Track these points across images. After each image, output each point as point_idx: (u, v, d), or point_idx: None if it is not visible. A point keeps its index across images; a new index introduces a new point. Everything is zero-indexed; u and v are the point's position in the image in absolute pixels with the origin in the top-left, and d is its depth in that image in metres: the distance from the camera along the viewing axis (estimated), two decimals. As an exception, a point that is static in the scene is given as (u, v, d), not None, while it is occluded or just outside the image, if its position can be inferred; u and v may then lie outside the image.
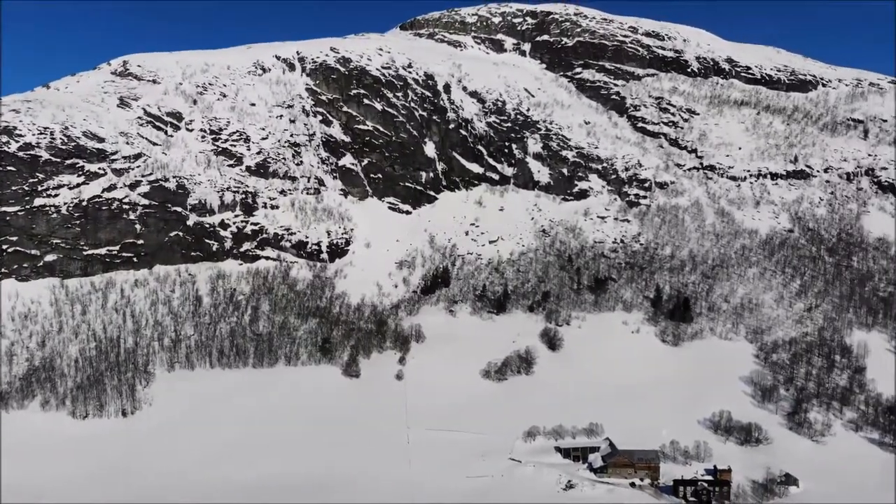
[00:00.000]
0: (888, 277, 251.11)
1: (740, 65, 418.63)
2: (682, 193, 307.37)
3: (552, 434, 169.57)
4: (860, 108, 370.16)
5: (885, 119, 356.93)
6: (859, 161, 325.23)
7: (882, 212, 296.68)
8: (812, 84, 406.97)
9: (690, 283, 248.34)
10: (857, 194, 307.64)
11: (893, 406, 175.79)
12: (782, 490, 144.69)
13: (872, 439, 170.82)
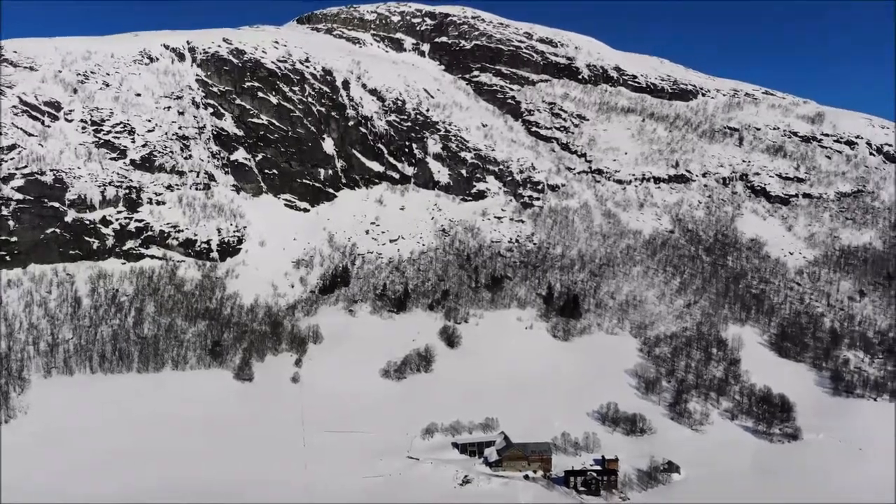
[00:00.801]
0: (760, 276, 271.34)
1: (627, 73, 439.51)
2: (572, 196, 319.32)
3: (450, 430, 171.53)
4: (736, 116, 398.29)
5: (758, 127, 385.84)
6: (734, 167, 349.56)
7: (755, 214, 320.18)
8: (693, 93, 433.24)
9: (580, 280, 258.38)
10: (732, 198, 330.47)
11: (765, 396, 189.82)
12: (665, 477, 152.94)
13: (747, 427, 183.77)
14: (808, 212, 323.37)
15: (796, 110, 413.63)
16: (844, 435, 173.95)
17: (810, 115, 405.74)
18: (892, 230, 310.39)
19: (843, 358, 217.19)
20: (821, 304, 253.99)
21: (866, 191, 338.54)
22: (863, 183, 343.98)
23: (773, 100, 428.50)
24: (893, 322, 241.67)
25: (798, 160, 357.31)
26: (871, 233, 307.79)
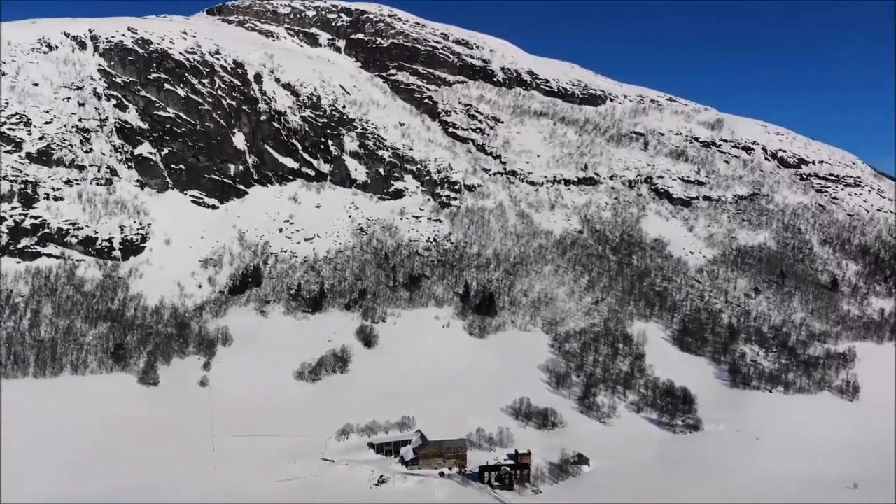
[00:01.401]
0: (663, 274, 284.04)
1: (540, 78, 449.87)
2: (488, 196, 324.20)
3: (366, 431, 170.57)
4: (642, 122, 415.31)
5: (662, 133, 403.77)
6: (640, 170, 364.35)
7: (658, 215, 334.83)
8: (601, 99, 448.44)
9: (495, 279, 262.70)
10: (637, 200, 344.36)
11: (668, 389, 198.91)
12: (575, 469, 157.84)
13: (651, 419, 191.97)
14: (707, 213, 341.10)
15: (697, 117, 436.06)
16: (742, 425, 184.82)
17: (710, 121, 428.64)
18: (785, 231, 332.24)
19: (739, 352, 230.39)
20: (719, 301, 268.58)
21: (761, 194, 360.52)
22: (758, 186, 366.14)
23: (676, 106, 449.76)
24: (786, 318, 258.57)
25: (699, 164, 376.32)
26: (766, 233, 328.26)
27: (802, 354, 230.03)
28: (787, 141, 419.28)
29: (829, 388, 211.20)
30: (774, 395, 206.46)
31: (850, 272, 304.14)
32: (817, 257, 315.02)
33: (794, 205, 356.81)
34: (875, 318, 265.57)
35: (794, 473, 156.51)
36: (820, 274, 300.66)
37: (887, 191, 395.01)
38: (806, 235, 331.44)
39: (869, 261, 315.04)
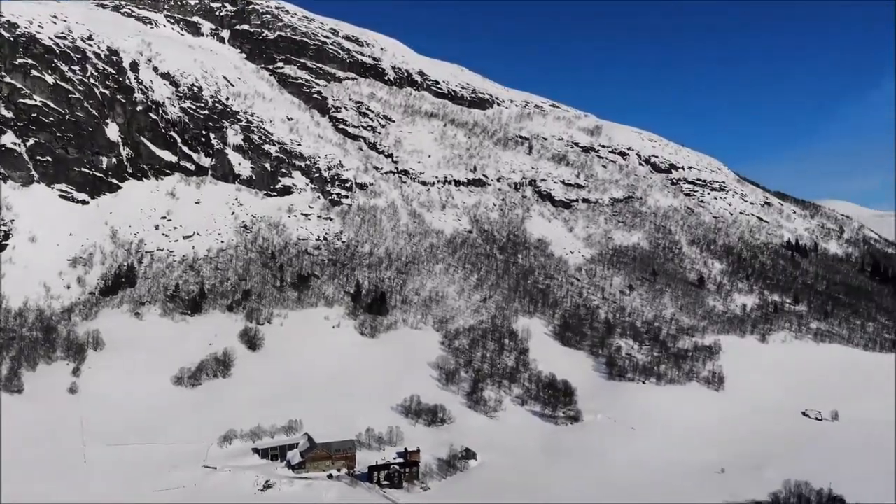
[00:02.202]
0: (546, 272, 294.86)
1: (430, 79, 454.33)
2: (379, 195, 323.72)
3: (250, 436, 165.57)
4: (527, 126, 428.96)
5: (545, 137, 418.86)
6: (524, 172, 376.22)
7: (541, 217, 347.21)
8: (489, 103, 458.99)
9: (387, 278, 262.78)
10: (522, 201, 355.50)
11: (551, 382, 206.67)
12: (463, 464, 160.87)
13: (535, 412, 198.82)
14: (586, 215, 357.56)
15: (578, 122, 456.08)
16: (618, 415, 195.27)
17: (590, 127, 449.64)
18: (657, 232, 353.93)
19: (616, 346, 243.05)
20: (597, 298, 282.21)
21: (635, 197, 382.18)
22: (633, 190, 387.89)
23: (558, 112, 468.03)
24: (658, 313, 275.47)
25: (579, 168, 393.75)
26: (639, 234, 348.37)
27: (673, 347, 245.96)
28: (659, 147, 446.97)
29: (697, 378, 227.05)
30: (648, 386, 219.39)
31: (715, 270, 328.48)
32: (686, 256, 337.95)
33: (665, 207, 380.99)
34: (738, 314, 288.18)
35: (667, 460, 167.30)
36: (688, 272, 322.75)
37: (749, 195, 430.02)
38: (676, 236, 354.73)
39: (732, 260, 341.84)
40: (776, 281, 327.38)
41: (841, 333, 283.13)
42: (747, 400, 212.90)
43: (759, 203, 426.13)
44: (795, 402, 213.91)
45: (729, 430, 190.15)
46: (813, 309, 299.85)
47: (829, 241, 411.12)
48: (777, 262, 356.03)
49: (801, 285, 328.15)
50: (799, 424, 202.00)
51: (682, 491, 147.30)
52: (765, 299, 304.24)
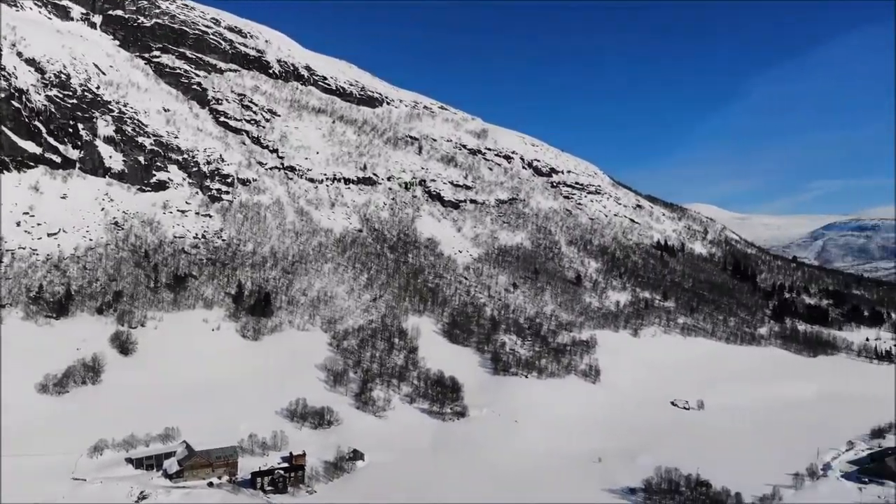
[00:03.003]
0: (435, 271, 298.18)
1: (318, 74, 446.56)
2: (264, 191, 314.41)
3: (123, 445, 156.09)
4: (416, 127, 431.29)
5: (434, 138, 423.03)
6: (415, 172, 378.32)
7: (431, 216, 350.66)
8: (378, 101, 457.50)
9: (271, 278, 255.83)
10: (412, 201, 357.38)
11: (439, 379, 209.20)
12: (350, 465, 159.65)
13: (423, 409, 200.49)
14: (474, 215, 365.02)
15: (466, 125, 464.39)
16: (503, 409, 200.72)
17: (477, 130, 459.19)
18: (539, 233, 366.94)
19: (500, 341, 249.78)
20: (483, 296, 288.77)
21: (519, 199, 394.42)
22: (517, 192, 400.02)
23: (447, 114, 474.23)
24: (539, 309, 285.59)
25: (467, 170, 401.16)
26: (523, 234, 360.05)
27: (553, 342, 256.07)
28: (541, 152, 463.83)
29: (575, 371, 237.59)
30: (530, 380, 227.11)
31: (591, 269, 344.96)
32: (565, 256, 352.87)
33: (546, 209, 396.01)
34: (612, 310, 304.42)
35: (548, 450, 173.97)
36: (567, 271, 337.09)
37: (622, 198, 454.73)
38: (556, 236, 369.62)
39: (607, 259, 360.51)
40: (647, 279, 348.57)
41: (705, 328, 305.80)
42: (621, 391, 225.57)
43: (632, 206, 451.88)
44: (665, 393, 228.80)
45: (605, 420, 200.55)
46: (680, 305, 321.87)
47: (695, 242, 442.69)
48: (648, 261, 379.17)
49: (670, 283, 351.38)
50: (668, 413, 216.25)
51: (562, 480, 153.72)
52: (636, 296, 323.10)
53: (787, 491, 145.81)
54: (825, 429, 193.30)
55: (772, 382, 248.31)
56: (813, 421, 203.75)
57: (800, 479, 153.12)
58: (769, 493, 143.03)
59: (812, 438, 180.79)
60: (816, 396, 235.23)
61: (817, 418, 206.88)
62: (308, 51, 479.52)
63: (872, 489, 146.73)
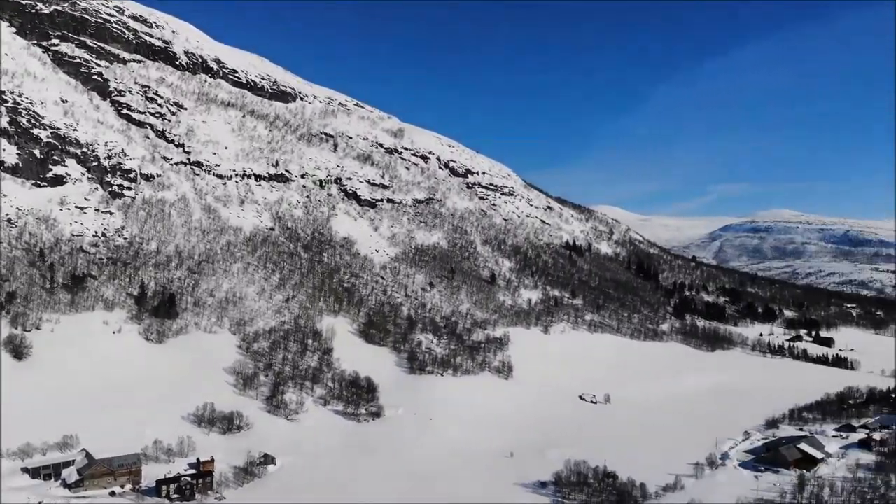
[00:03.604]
0: (351, 271, 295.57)
1: (228, 67, 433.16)
2: (169, 187, 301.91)
3: (18, 454, 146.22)
4: (331, 123, 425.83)
5: (350, 136, 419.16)
6: (330, 170, 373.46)
7: (347, 215, 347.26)
8: (292, 96, 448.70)
9: (177, 278, 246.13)
10: (327, 199, 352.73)
11: (354, 380, 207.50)
12: (261, 470, 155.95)
13: (338, 411, 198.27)
14: (391, 215, 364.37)
15: (382, 124, 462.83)
16: (419, 408, 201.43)
17: (393, 129, 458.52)
18: (455, 232, 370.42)
19: (417, 341, 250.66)
20: (400, 295, 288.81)
21: (436, 199, 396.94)
22: (433, 192, 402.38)
23: (363, 112, 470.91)
24: (455, 308, 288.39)
25: (383, 169, 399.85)
26: (439, 234, 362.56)
27: (468, 340, 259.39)
28: (457, 153, 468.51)
29: (489, 368, 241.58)
30: (445, 378, 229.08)
31: (504, 268, 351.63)
32: (480, 255, 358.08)
33: (462, 209, 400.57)
34: (524, 307, 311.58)
35: (462, 447, 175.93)
36: (482, 270, 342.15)
37: (534, 200, 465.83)
38: (471, 236, 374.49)
39: (520, 259, 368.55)
40: (557, 277, 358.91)
41: (611, 324, 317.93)
42: (533, 386, 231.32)
43: (543, 207, 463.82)
44: (574, 387, 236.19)
45: (517, 415, 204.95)
46: (587, 302, 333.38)
47: (601, 242, 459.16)
48: (557, 260, 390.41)
49: (578, 281, 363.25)
50: (577, 407, 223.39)
51: (476, 476, 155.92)
52: (547, 294, 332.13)
53: (688, 480, 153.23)
54: (723, 420, 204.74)
55: (673, 376, 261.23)
56: (712, 412, 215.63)
57: (700, 468, 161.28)
58: (671, 482, 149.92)
59: (711, 429, 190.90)
60: (715, 389, 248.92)
61: (716, 410, 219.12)
62: (218, 43, 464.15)
63: (768, 477, 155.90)
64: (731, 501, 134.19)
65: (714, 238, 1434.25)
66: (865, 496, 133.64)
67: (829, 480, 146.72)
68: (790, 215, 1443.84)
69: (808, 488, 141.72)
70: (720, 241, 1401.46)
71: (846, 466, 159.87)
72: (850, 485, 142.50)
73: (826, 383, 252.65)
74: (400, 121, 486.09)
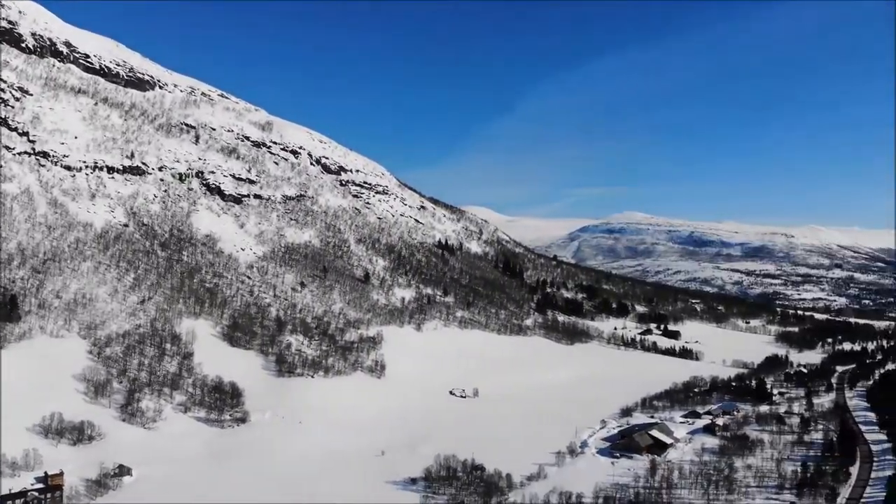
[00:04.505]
0: (214, 270, 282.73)
1: (79, 51, 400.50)
2: (11, 179, 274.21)
3: None
4: (193, 114, 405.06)
5: (214, 128, 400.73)
6: (191, 163, 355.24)
7: (209, 211, 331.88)
8: (150, 84, 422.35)
9: (19, 278, 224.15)
10: (188, 194, 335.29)
11: (217, 385, 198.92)
12: (116, 482, 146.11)
13: (200, 417, 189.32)
14: (258, 211, 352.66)
15: (249, 116, 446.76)
16: (287, 412, 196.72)
17: (261, 122, 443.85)
18: (328, 230, 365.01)
19: (286, 342, 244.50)
20: (268, 296, 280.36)
21: (307, 195, 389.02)
22: (304, 188, 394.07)
23: (228, 103, 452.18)
24: (327, 308, 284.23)
25: (250, 163, 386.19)
26: (311, 232, 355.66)
27: (340, 340, 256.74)
28: (329, 149, 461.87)
29: (361, 368, 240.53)
30: (316, 380, 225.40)
31: (378, 267, 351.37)
32: (353, 254, 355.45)
33: (335, 207, 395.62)
34: (398, 306, 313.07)
35: (333, 449, 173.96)
36: (355, 269, 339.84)
37: (408, 199, 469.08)
38: (344, 235, 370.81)
39: (393, 257, 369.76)
40: (429, 276, 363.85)
41: (480, 320, 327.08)
42: (405, 384, 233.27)
43: (416, 207, 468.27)
44: (445, 384, 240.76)
45: (390, 413, 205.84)
46: (458, 300, 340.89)
47: (472, 242, 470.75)
48: (430, 259, 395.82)
49: (449, 279, 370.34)
50: (448, 403, 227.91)
51: (346, 476, 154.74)
52: (420, 292, 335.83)
53: (550, 468, 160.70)
54: (583, 409, 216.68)
55: (537, 369, 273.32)
56: (572, 403, 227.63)
57: (562, 456, 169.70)
58: (535, 471, 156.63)
59: (572, 419, 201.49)
60: (575, 380, 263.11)
61: (576, 400, 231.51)
62: (69, 25, 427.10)
63: (623, 462, 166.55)
64: (589, 487, 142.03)
65: (573, 238, 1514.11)
66: (710, 478, 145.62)
67: (677, 464, 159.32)
68: (641, 217, 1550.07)
69: (659, 472, 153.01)
70: (579, 241, 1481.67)
71: (693, 450, 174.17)
72: (696, 467, 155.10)
73: (674, 373, 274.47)
74: (268, 113, 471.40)
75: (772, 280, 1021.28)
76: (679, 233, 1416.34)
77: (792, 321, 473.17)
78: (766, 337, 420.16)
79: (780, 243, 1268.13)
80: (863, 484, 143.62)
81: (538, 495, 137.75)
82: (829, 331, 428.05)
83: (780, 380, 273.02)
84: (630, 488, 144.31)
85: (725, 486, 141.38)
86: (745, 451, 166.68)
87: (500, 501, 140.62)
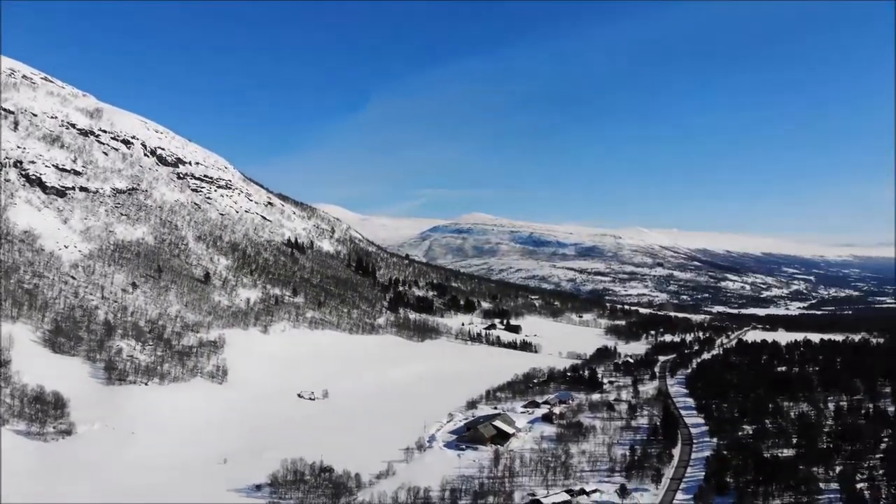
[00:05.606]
0: (33, 269, 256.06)
1: None
2: None
3: None
4: (11, 98, 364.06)
5: (35, 114, 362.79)
6: (8, 152, 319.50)
7: (29, 205, 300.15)
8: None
9: None
10: (4, 185, 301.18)
11: (38, 395, 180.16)
12: None
13: (20, 431, 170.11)
14: (84, 206, 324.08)
15: (76, 102, 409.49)
16: (118, 422, 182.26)
17: (90, 109, 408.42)
18: (163, 227, 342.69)
19: (116, 348, 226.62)
20: (96, 298, 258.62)
21: (140, 189, 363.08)
22: (137, 181, 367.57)
23: (52, 87, 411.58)
24: (163, 311, 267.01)
25: (76, 153, 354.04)
26: (144, 228, 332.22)
27: (178, 345, 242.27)
28: (166, 139, 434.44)
29: (201, 374, 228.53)
30: (150, 388, 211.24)
31: (221, 266, 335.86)
32: (192, 252, 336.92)
33: (171, 202, 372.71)
34: (242, 307, 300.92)
35: (171, 459, 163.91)
36: (194, 268, 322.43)
37: (254, 195, 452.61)
38: (182, 232, 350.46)
39: (238, 256, 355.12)
40: (277, 275, 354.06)
41: (332, 320, 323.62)
42: (250, 389, 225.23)
43: (263, 203, 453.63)
44: (294, 386, 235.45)
45: (233, 420, 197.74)
46: (309, 300, 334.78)
47: (323, 240, 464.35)
48: (279, 258, 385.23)
49: (299, 279, 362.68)
50: (296, 406, 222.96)
51: (183, 487, 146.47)
52: (267, 293, 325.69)
53: (399, 465, 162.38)
54: (432, 404, 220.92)
55: (389, 367, 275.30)
56: (422, 398, 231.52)
57: (410, 452, 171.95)
58: (384, 469, 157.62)
59: (421, 414, 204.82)
60: (424, 376, 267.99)
61: (425, 395, 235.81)
62: None
63: (469, 454, 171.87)
64: (437, 481, 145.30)
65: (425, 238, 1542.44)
66: (549, 464, 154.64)
67: (519, 453, 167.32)
68: (487, 219, 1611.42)
69: (502, 461, 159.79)
70: (430, 240, 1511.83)
71: (533, 439, 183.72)
72: (536, 455, 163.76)
73: (516, 365, 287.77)
74: (98, 100, 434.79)
75: (602, 277, 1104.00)
76: (520, 234, 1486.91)
77: (620, 315, 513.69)
78: (598, 330, 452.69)
79: (609, 244, 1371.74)
80: (684, 464, 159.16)
81: (387, 493, 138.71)
82: (653, 324, 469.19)
83: (609, 369, 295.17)
84: (475, 479, 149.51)
85: (562, 472, 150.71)
86: (579, 438, 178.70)
87: (348, 502, 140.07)
